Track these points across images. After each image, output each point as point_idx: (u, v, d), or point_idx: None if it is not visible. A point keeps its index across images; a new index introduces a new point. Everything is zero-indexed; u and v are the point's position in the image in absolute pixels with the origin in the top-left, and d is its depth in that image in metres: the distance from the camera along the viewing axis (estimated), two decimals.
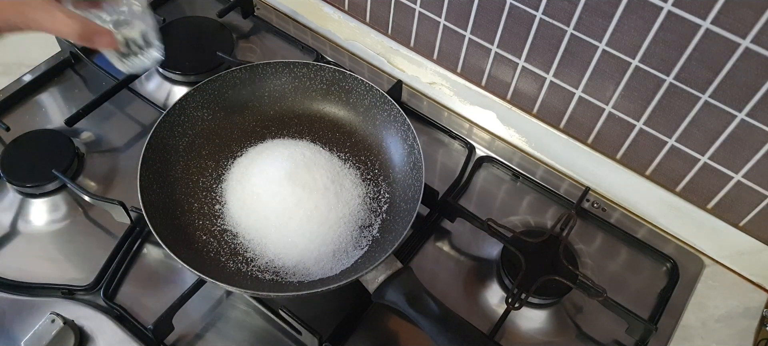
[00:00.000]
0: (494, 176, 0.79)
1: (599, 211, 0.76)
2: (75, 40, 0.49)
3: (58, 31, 0.49)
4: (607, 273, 0.71)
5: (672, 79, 0.63)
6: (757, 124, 0.61)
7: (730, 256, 0.72)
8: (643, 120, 0.69)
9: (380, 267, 0.58)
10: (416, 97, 0.87)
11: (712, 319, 0.68)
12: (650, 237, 0.74)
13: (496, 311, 0.67)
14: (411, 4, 0.79)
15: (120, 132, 0.78)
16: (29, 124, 0.76)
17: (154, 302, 0.63)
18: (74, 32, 0.49)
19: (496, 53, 0.76)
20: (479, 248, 0.72)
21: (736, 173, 0.66)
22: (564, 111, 0.75)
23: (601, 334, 0.66)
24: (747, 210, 0.68)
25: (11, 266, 0.66)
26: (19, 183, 0.70)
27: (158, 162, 0.64)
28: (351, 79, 0.72)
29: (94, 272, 0.65)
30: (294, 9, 0.95)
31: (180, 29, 0.88)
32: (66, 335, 0.58)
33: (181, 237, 0.62)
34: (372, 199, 0.69)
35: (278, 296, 0.63)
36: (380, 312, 0.65)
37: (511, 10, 0.70)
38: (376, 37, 0.87)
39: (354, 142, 0.73)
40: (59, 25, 0.48)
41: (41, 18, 0.47)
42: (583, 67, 0.69)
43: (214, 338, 0.63)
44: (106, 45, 0.52)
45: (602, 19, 0.64)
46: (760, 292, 0.71)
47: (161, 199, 0.63)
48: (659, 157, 0.71)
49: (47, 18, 0.48)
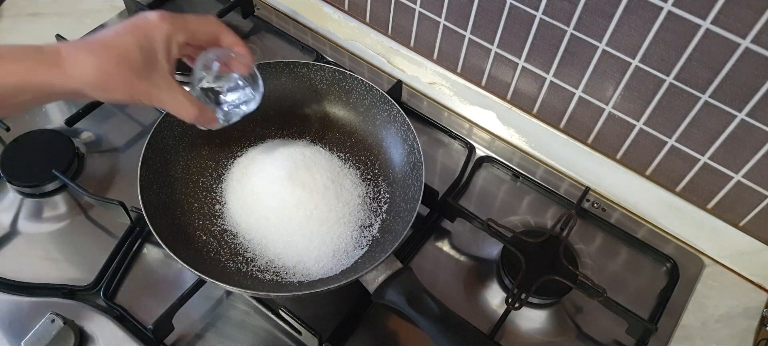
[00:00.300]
0: (494, 176, 0.79)
1: (599, 211, 0.76)
2: (189, 121, 0.56)
3: (177, 113, 0.55)
4: (607, 273, 0.71)
5: (672, 79, 0.63)
6: (757, 124, 0.61)
7: (730, 256, 0.72)
8: (643, 120, 0.69)
9: (380, 267, 0.58)
10: (416, 97, 0.87)
11: (712, 319, 0.68)
12: (650, 237, 0.74)
13: (496, 311, 0.67)
14: (411, 4, 0.79)
15: (120, 132, 0.78)
16: (29, 125, 0.76)
17: (154, 302, 0.63)
18: (191, 116, 0.55)
19: (496, 53, 0.76)
20: (479, 248, 0.72)
21: (736, 173, 0.66)
22: (564, 111, 0.75)
23: (601, 334, 0.66)
24: (747, 210, 0.68)
25: (11, 266, 0.66)
26: (19, 183, 0.70)
27: (158, 162, 0.64)
28: (351, 79, 0.72)
29: (94, 272, 0.65)
30: (294, 9, 0.95)
31: None
32: (66, 335, 0.58)
33: (181, 237, 0.62)
34: (372, 199, 0.69)
35: (278, 296, 0.63)
36: (380, 312, 0.65)
37: (511, 10, 0.70)
38: (376, 37, 0.87)
39: (354, 142, 0.73)
40: (180, 108, 0.54)
41: (166, 99, 0.53)
42: (583, 67, 0.69)
43: (214, 338, 0.63)
44: (210, 124, 0.59)
45: (602, 19, 0.64)
46: (760, 292, 0.71)
47: (161, 199, 0.63)
48: (659, 157, 0.71)
49: (171, 101, 0.54)
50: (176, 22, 0.53)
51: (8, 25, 0.89)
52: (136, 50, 0.50)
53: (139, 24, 0.52)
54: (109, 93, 0.51)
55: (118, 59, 0.50)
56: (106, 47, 0.49)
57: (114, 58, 0.49)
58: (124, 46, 0.50)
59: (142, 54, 0.51)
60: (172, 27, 0.53)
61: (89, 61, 0.49)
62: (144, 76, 0.51)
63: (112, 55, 0.49)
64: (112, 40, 0.50)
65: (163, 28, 0.52)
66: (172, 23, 0.53)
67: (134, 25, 0.52)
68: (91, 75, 0.49)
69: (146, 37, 0.51)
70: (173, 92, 0.54)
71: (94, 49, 0.49)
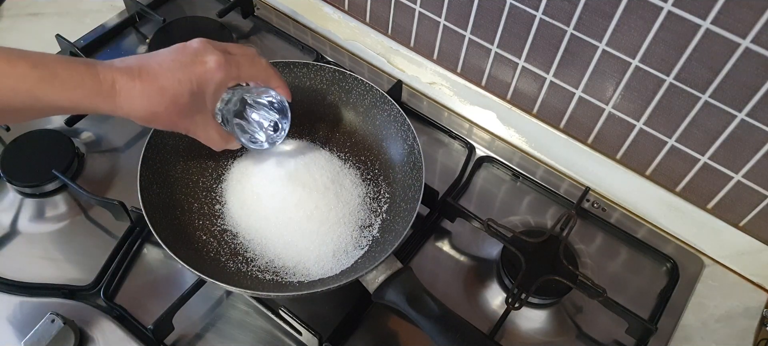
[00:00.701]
0: (494, 176, 0.79)
1: (599, 211, 0.76)
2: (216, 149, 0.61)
3: (207, 144, 0.60)
4: (607, 273, 0.71)
5: (672, 79, 0.63)
6: (757, 124, 0.61)
7: (730, 256, 0.72)
8: (643, 120, 0.69)
9: (380, 267, 0.58)
10: (416, 97, 0.87)
11: (712, 319, 0.68)
12: (650, 237, 0.74)
13: (496, 311, 0.67)
14: (411, 4, 0.79)
15: (120, 132, 0.78)
16: (29, 124, 0.76)
17: (154, 302, 0.63)
18: (219, 148, 0.61)
19: (496, 53, 0.76)
20: (479, 248, 0.72)
21: (736, 173, 0.66)
22: (564, 111, 0.75)
23: (601, 334, 0.66)
24: (747, 210, 0.68)
25: (11, 266, 0.66)
26: (19, 183, 0.70)
27: (158, 162, 0.64)
28: (351, 79, 0.72)
29: (94, 272, 0.65)
30: (294, 9, 0.95)
31: (180, 29, 0.88)
32: (66, 335, 0.58)
33: (181, 237, 0.62)
34: (372, 199, 0.69)
35: (278, 296, 0.63)
36: (380, 312, 0.65)
37: (511, 10, 0.70)
38: (376, 37, 0.87)
39: (354, 142, 0.73)
40: (211, 142, 0.59)
41: (200, 134, 0.58)
42: (583, 67, 0.69)
43: (214, 338, 0.63)
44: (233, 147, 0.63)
45: (602, 19, 0.64)
46: (760, 292, 0.71)
47: (161, 199, 0.63)
48: (659, 157, 0.71)
49: (204, 135, 0.58)
50: (231, 70, 0.55)
51: (8, 24, 0.89)
52: (187, 94, 0.52)
53: (197, 69, 0.53)
54: (153, 124, 0.55)
55: (169, 101, 0.52)
56: (160, 90, 0.51)
57: (166, 100, 0.51)
58: (176, 89, 0.52)
59: (191, 98, 0.53)
60: (226, 76, 0.55)
61: (141, 99, 0.51)
62: (188, 116, 0.55)
63: (165, 97, 0.51)
64: (167, 80, 0.51)
65: (217, 77, 0.54)
66: (227, 72, 0.54)
67: (191, 68, 0.53)
68: (140, 111, 0.51)
69: (199, 84, 0.53)
70: (208, 130, 0.58)
71: (147, 86, 0.50)
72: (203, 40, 0.55)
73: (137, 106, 0.51)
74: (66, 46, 0.83)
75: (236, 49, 0.57)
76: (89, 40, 0.86)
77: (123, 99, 0.50)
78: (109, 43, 0.88)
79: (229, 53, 0.56)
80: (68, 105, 0.49)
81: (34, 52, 0.48)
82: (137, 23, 0.91)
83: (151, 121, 0.53)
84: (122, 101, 0.50)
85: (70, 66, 0.48)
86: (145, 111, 0.51)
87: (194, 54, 0.53)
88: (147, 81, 0.50)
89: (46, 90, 0.47)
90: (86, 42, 0.86)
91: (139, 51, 0.88)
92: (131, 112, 0.51)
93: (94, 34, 0.88)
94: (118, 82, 0.49)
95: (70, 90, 0.48)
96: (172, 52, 0.54)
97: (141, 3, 0.89)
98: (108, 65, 0.50)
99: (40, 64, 0.47)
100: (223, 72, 0.54)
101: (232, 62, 0.55)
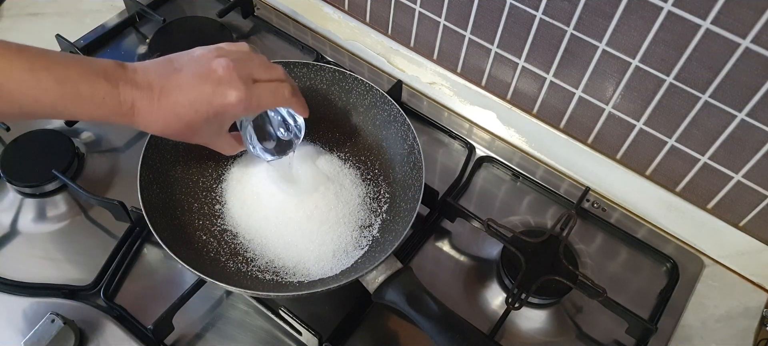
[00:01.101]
0: (494, 176, 0.79)
1: (599, 211, 0.76)
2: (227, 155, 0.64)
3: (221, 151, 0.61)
4: (607, 273, 0.71)
5: (672, 79, 0.63)
6: (757, 124, 0.61)
7: (730, 256, 0.72)
8: (643, 120, 0.69)
9: (380, 267, 0.58)
10: (416, 97, 0.87)
11: (712, 319, 0.68)
12: (650, 237, 0.74)
13: (496, 311, 0.67)
14: (411, 4, 0.79)
15: (120, 132, 0.78)
16: (29, 124, 0.76)
17: (154, 302, 0.63)
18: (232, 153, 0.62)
19: (496, 53, 0.76)
20: (479, 248, 0.72)
21: (736, 173, 0.66)
22: (564, 111, 0.75)
23: (601, 334, 0.66)
24: (747, 210, 0.68)
25: (11, 266, 0.66)
26: (19, 183, 0.70)
27: (158, 162, 0.64)
28: (351, 79, 0.72)
29: (94, 272, 0.65)
30: (294, 9, 0.95)
31: (180, 29, 0.88)
32: (66, 335, 0.58)
33: (181, 237, 0.62)
34: (372, 199, 0.69)
35: (278, 296, 0.63)
36: (380, 312, 0.65)
37: (511, 10, 0.70)
38: (376, 37, 0.87)
39: (354, 142, 0.73)
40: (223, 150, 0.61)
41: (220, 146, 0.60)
42: (583, 67, 0.69)
43: (214, 338, 0.63)
44: None
45: (602, 19, 0.64)
46: (760, 292, 0.71)
47: (161, 199, 0.63)
48: (659, 157, 0.71)
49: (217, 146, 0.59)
50: (251, 105, 0.54)
51: (8, 24, 0.89)
52: (203, 123, 0.53)
53: (216, 100, 0.52)
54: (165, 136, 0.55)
55: (183, 127, 0.53)
56: (177, 116, 0.52)
57: (181, 127, 0.53)
58: (192, 119, 0.52)
59: (206, 126, 0.54)
60: (245, 111, 0.54)
61: (157, 120, 0.52)
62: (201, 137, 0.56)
63: (181, 124, 0.52)
64: (184, 109, 0.52)
65: (237, 111, 0.54)
66: (247, 107, 0.54)
67: (211, 99, 0.52)
68: (154, 130, 0.53)
69: (217, 114, 0.53)
70: (221, 141, 0.59)
71: (165, 111, 0.51)
72: (229, 64, 0.53)
73: (152, 126, 0.53)
74: (66, 46, 0.83)
75: (264, 73, 0.56)
76: (89, 40, 0.86)
77: (140, 118, 0.51)
78: (109, 43, 0.88)
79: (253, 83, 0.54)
80: (88, 119, 0.51)
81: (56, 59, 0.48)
82: (137, 23, 0.91)
83: (164, 135, 0.55)
84: (139, 120, 0.51)
85: (92, 85, 0.49)
86: (160, 130, 0.53)
87: (217, 84, 0.52)
88: (165, 106, 0.51)
89: (68, 107, 0.48)
90: (86, 42, 0.86)
91: (139, 51, 0.88)
92: (146, 129, 0.53)
93: (94, 34, 0.88)
94: (137, 104, 0.50)
95: (90, 109, 0.49)
96: (195, 71, 0.52)
97: (141, 3, 0.89)
98: (130, 82, 0.50)
99: (62, 81, 0.47)
100: (243, 107, 0.53)
101: (253, 97, 0.54)
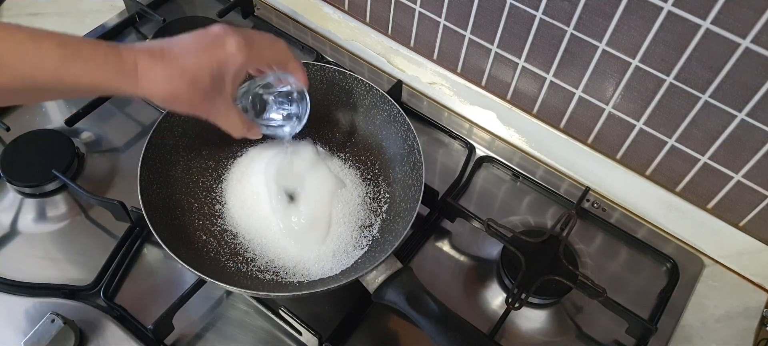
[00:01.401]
0: (494, 176, 0.79)
1: (599, 211, 0.76)
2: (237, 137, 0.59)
3: (228, 131, 0.58)
4: (607, 273, 0.71)
5: (672, 79, 0.63)
6: (757, 124, 0.61)
7: (730, 256, 0.72)
8: (643, 120, 0.69)
9: (380, 267, 0.58)
10: (416, 97, 0.87)
11: (712, 319, 0.68)
12: (650, 237, 0.74)
13: (496, 311, 0.67)
14: (411, 4, 0.79)
15: (120, 132, 0.78)
16: (29, 124, 0.76)
17: (154, 302, 0.63)
18: (240, 135, 0.59)
19: (496, 53, 0.76)
20: (479, 248, 0.72)
21: (736, 173, 0.66)
22: (564, 111, 0.75)
23: (601, 334, 0.66)
24: (747, 210, 0.68)
25: (11, 266, 0.66)
26: (19, 183, 0.70)
27: (158, 162, 0.64)
28: (351, 79, 0.72)
29: (94, 272, 0.65)
30: (294, 9, 0.95)
31: (180, 29, 0.86)
32: (66, 335, 0.58)
33: (181, 237, 0.62)
34: (372, 199, 0.69)
35: (278, 296, 0.63)
36: (380, 312, 0.65)
37: (511, 10, 0.70)
38: (376, 37, 0.87)
39: (354, 142, 0.73)
40: (231, 128, 0.58)
41: (221, 120, 0.57)
42: (583, 67, 0.69)
43: (214, 338, 0.63)
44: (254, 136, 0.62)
45: (602, 19, 0.64)
46: (760, 292, 0.71)
47: (161, 199, 0.63)
48: (659, 157, 0.71)
49: (225, 121, 0.57)
50: (251, 53, 0.54)
51: None
52: (208, 76, 0.52)
53: (217, 52, 0.52)
54: (173, 106, 0.54)
55: (189, 83, 0.51)
56: (181, 70, 0.51)
57: (186, 82, 0.51)
58: (197, 71, 0.52)
59: (212, 81, 0.53)
60: (246, 60, 0.54)
61: (162, 80, 0.51)
62: (208, 99, 0.54)
63: (186, 79, 0.51)
64: (188, 62, 0.51)
65: (238, 60, 0.53)
66: (247, 56, 0.54)
67: (212, 51, 0.52)
68: (161, 92, 0.51)
69: (219, 65, 0.53)
70: (229, 115, 0.57)
71: (168, 67, 0.50)
72: (224, 25, 0.54)
73: (158, 87, 0.51)
74: None
75: (256, 35, 0.57)
76: None
77: (145, 79, 0.50)
78: None
79: (249, 37, 0.55)
80: (90, 85, 0.49)
81: (58, 33, 0.48)
82: (137, 23, 0.91)
83: (172, 102, 0.53)
84: (144, 82, 0.50)
85: (93, 46, 0.49)
86: (166, 92, 0.52)
87: (215, 38, 0.53)
88: (168, 62, 0.51)
89: (70, 68, 0.47)
90: None
91: None
92: (153, 92, 0.51)
93: (94, 34, 0.88)
94: (140, 63, 0.50)
95: (93, 69, 0.48)
96: (193, 36, 0.54)
97: (141, 3, 0.89)
98: (130, 47, 0.50)
99: (64, 43, 0.47)
100: (244, 55, 0.54)
101: (252, 46, 0.55)
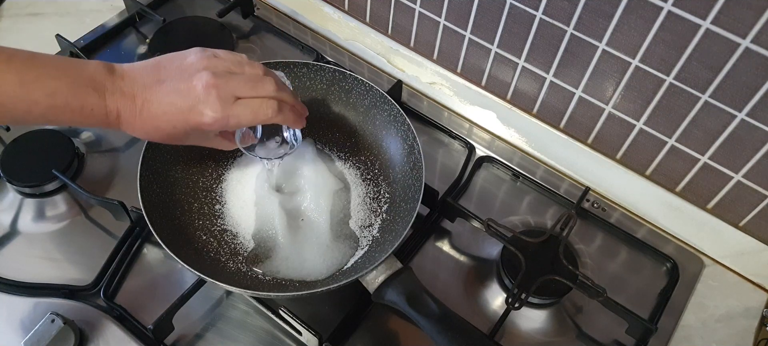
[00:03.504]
0: (494, 176, 0.79)
1: (599, 211, 0.76)
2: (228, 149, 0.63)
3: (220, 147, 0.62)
4: (607, 273, 0.71)
5: (672, 79, 0.63)
6: (757, 124, 0.61)
7: (730, 256, 0.72)
8: (643, 120, 0.69)
9: (380, 267, 0.58)
10: (416, 97, 0.87)
11: (712, 319, 0.68)
12: (650, 237, 0.74)
13: (496, 311, 0.67)
14: (411, 4, 0.79)
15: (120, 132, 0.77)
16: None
17: (154, 302, 0.63)
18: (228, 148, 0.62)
19: (496, 53, 0.76)
20: (479, 248, 0.72)
21: (736, 173, 0.66)
22: (564, 111, 0.75)
23: (601, 334, 0.66)
24: (747, 210, 0.68)
25: (11, 266, 0.66)
26: (19, 183, 0.70)
27: (158, 162, 0.64)
28: (351, 79, 0.72)
29: (94, 272, 0.65)
30: (294, 9, 0.95)
31: (180, 29, 0.88)
32: (66, 335, 0.58)
33: (181, 237, 0.62)
34: (372, 199, 0.69)
35: (278, 296, 0.63)
36: (380, 312, 0.65)
37: (511, 10, 0.70)
38: (376, 37, 0.87)
39: (354, 142, 0.73)
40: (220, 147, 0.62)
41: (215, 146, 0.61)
42: (583, 67, 0.69)
43: (214, 338, 0.63)
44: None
45: (602, 19, 0.64)
46: (760, 292, 0.71)
47: (161, 199, 0.63)
48: (659, 157, 0.71)
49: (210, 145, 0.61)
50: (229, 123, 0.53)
51: (8, 25, 0.89)
52: (183, 136, 0.56)
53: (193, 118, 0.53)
54: None
55: (165, 138, 0.55)
56: (157, 129, 0.54)
57: (162, 137, 0.55)
58: (171, 132, 0.54)
59: (189, 138, 0.57)
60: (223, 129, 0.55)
61: (141, 132, 0.55)
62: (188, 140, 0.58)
63: (161, 135, 0.55)
64: (162, 123, 0.53)
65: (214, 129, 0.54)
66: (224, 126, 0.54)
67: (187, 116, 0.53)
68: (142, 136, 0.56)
69: (194, 129, 0.54)
70: (213, 142, 0.61)
71: (145, 125, 0.54)
72: (210, 82, 0.52)
73: (137, 133, 0.55)
74: (66, 46, 0.83)
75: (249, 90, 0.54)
76: (89, 40, 0.86)
77: (126, 125, 0.54)
78: (109, 43, 0.88)
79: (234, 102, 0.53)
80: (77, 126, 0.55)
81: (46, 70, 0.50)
82: (137, 23, 0.91)
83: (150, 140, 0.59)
84: (125, 126, 0.54)
85: (82, 97, 0.51)
86: (144, 138, 0.58)
87: (195, 101, 0.52)
88: (146, 118, 0.53)
89: (58, 116, 0.51)
90: (86, 42, 0.86)
91: (139, 51, 0.88)
92: (133, 134, 0.55)
93: (94, 34, 0.88)
94: (122, 114, 0.53)
95: (80, 119, 0.52)
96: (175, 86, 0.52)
97: (141, 3, 0.89)
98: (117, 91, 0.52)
99: (53, 94, 0.50)
100: (219, 126, 0.53)
101: (231, 116, 0.53)
